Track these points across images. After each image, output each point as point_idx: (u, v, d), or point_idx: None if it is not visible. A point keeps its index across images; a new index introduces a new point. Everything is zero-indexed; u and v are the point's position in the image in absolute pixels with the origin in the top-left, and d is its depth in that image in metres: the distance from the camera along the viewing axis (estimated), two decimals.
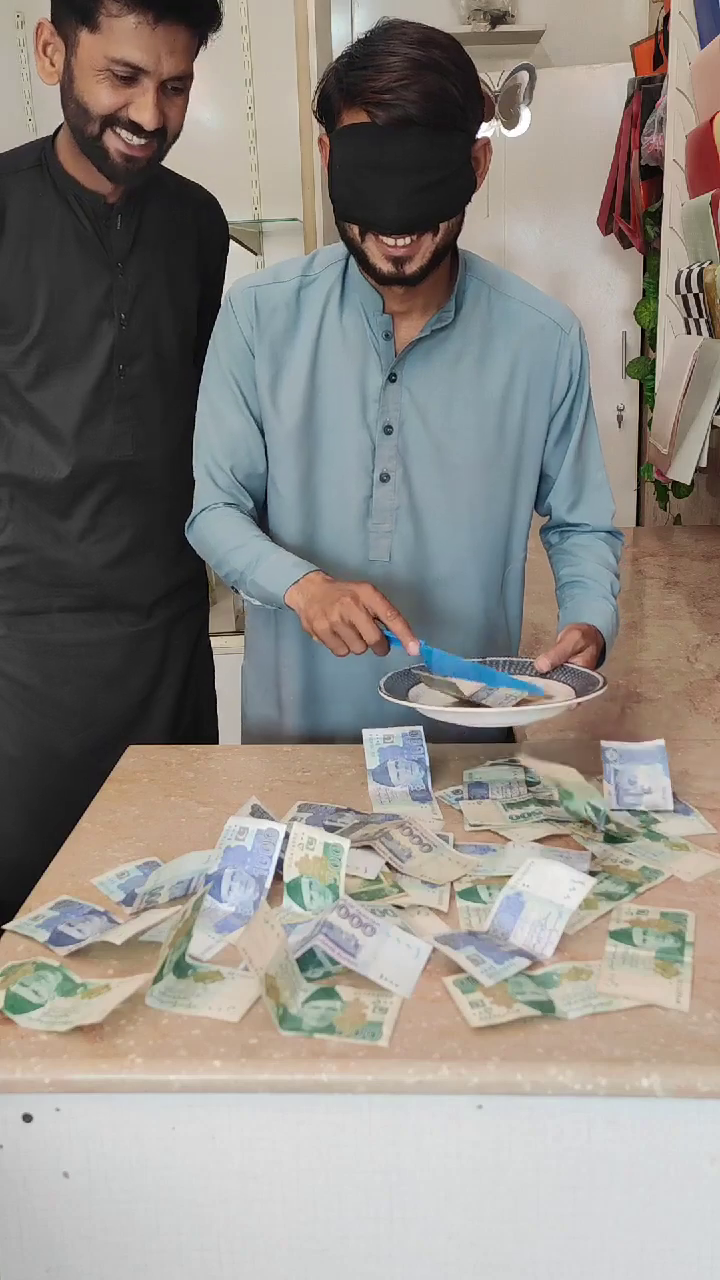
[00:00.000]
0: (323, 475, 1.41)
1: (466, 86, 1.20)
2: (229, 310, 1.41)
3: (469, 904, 1.04)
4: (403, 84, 1.16)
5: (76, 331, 1.57)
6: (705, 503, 3.01)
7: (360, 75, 1.18)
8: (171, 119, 1.46)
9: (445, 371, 1.38)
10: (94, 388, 1.59)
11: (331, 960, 0.94)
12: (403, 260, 1.25)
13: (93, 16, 1.37)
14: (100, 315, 1.58)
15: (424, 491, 1.41)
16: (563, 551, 1.51)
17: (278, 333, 1.38)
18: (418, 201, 1.21)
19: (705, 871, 1.09)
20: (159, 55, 1.39)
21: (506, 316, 1.40)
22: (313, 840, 1.03)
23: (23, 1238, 0.90)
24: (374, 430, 1.39)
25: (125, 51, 1.37)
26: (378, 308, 1.35)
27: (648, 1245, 0.87)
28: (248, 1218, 0.88)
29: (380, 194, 1.21)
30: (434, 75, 1.17)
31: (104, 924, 1.02)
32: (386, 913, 1.01)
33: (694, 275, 2.27)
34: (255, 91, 3.21)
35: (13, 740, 1.72)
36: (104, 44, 1.38)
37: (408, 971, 0.92)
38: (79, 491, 1.63)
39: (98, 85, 1.41)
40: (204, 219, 1.71)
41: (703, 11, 2.41)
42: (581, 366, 1.43)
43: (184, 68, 1.43)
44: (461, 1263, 0.88)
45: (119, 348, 1.59)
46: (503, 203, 3.66)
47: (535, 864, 0.99)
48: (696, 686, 1.63)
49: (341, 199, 1.25)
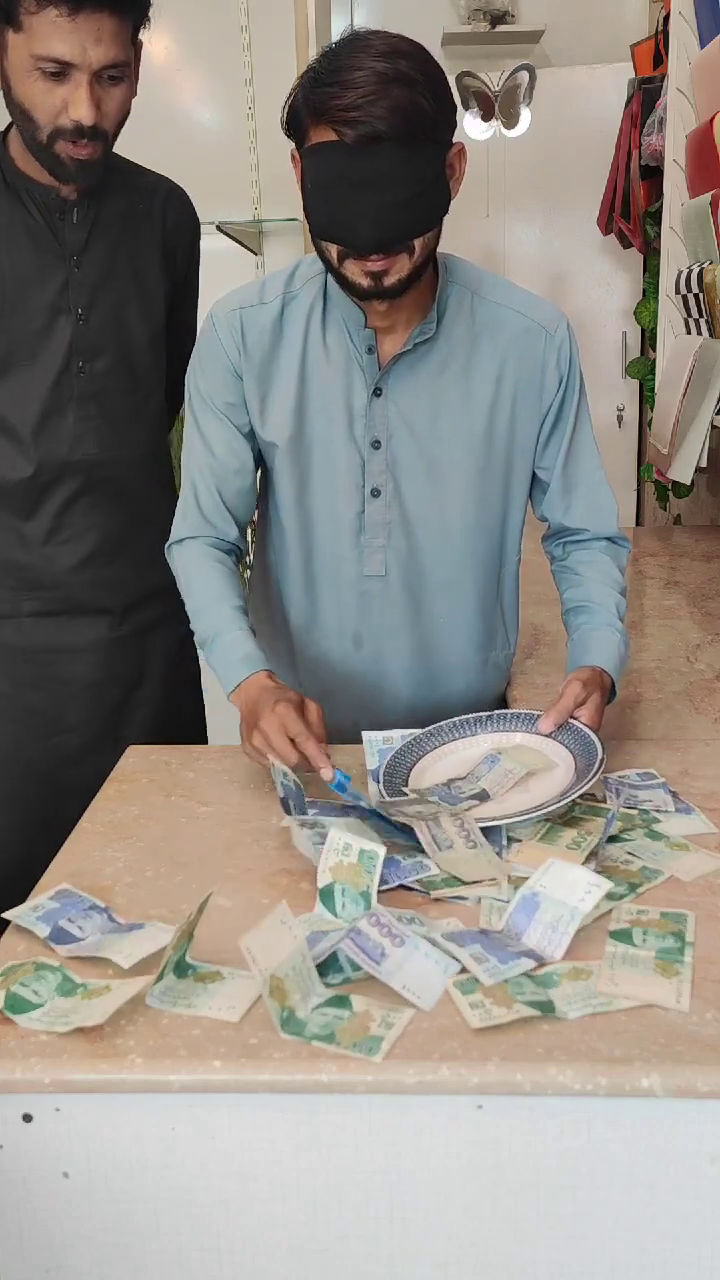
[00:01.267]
0: (315, 492, 1.41)
1: (436, 96, 1.17)
2: (214, 332, 1.38)
3: (492, 900, 1.04)
4: (369, 100, 1.13)
5: (30, 328, 1.55)
6: (705, 503, 3.01)
7: (326, 93, 1.14)
8: (110, 112, 1.43)
9: (430, 383, 1.37)
10: (52, 385, 1.56)
11: (354, 966, 0.93)
12: (380, 275, 1.23)
13: (15, 16, 1.35)
14: (55, 311, 1.55)
15: (415, 504, 1.40)
16: (566, 570, 1.48)
17: (264, 353, 1.37)
18: (392, 219, 1.19)
19: (705, 871, 1.09)
20: (83, 46, 1.36)
21: (490, 322, 1.37)
22: (349, 846, 1.03)
23: (23, 1238, 0.90)
24: (362, 445, 1.38)
25: (49, 47, 1.35)
26: (360, 323, 1.33)
27: (648, 1245, 0.87)
28: (248, 1218, 0.88)
29: (353, 213, 1.18)
30: (401, 89, 1.13)
31: (104, 920, 1.02)
32: (414, 920, 1.00)
33: (694, 275, 2.27)
34: (255, 91, 3.21)
35: None
36: (29, 42, 1.36)
37: (431, 986, 0.91)
38: (42, 491, 1.60)
39: (31, 85, 1.39)
40: (168, 209, 1.67)
41: (703, 11, 2.41)
42: (570, 366, 1.40)
43: (115, 55, 1.39)
44: (461, 1263, 0.88)
45: (77, 344, 1.56)
46: (503, 203, 3.66)
47: (554, 865, 0.99)
48: (696, 686, 1.63)
49: (315, 219, 1.23)
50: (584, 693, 1.28)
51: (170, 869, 1.14)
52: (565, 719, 1.28)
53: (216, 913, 1.04)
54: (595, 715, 1.28)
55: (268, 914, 0.91)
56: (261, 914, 0.92)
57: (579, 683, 1.29)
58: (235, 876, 1.11)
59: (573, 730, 1.28)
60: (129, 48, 1.42)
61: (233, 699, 1.30)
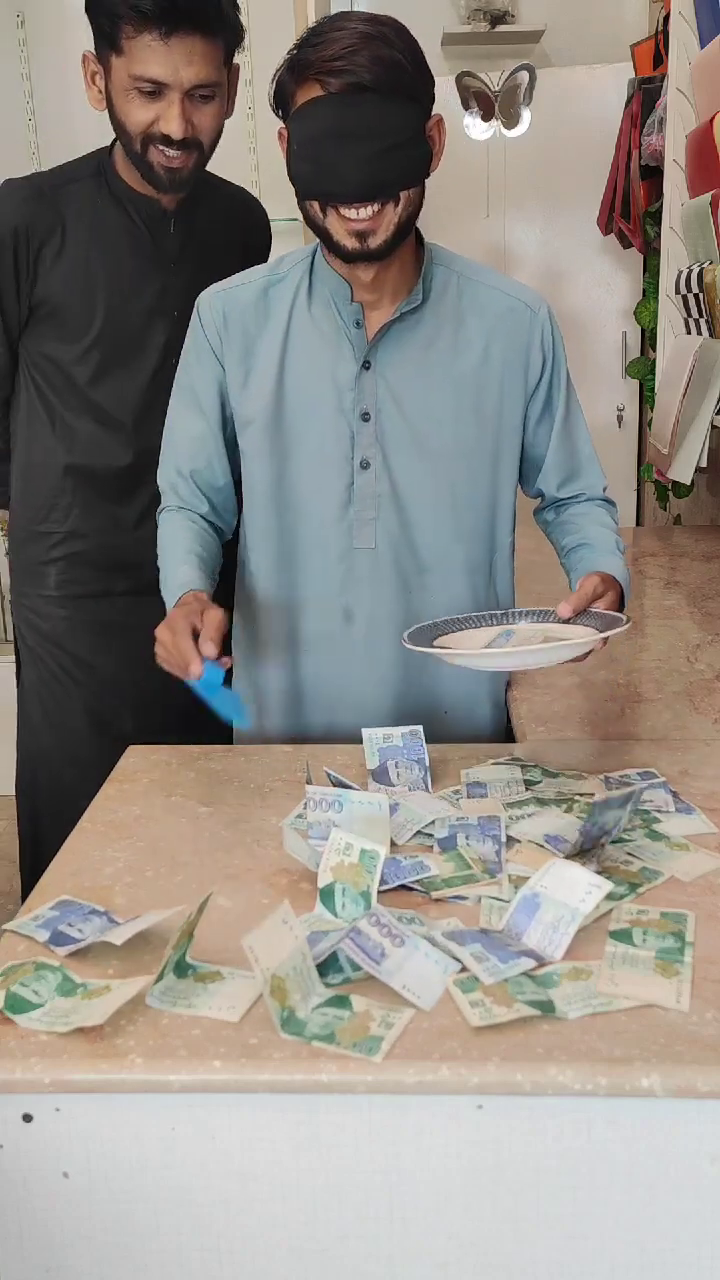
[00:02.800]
0: (300, 467, 1.42)
1: (416, 62, 1.24)
2: (196, 317, 1.43)
3: (492, 900, 1.04)
4: (352, 51, 1.19)
5: (132, 330, 1.68)
6: (705, 503, 3.01)
7: (310, 50, 1.22)
8: (203, 126, 1.54)
9: (418, 355, 1.39)
10: (149, 381, 1.69)
11: (354, 966, 0.93)
12: (366, 234, 1.27)
13: (117, 41, 1.47)
14: (154, 313, 1.68)
15: (405, 477, 1.42)
16: (561, 523, 1.51)
17: (247, 332, 1.40)
18: (377, 168, 1.23)
19: (705, 871, 1.09)
20: (175, 67, 1.47)
21: (476, 300, 1.41)
22: (349, 846, 1.03)
23: (23, 1238, 0.90)
24: (351, 417, 1.40)
25: (144, 68, 1.47)
26: (346, 297, 1.36)
27: (648, 1245, 0.87)
28: (248, 1218, 0.88)
29: (340, 163, 1.23)
30: (382, 45, 1.20)
31: (104, 924, 1.02)
32: (414, 920, 1.01)
33: (694, 275, 2.27)
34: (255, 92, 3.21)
35: (77, 715, 1.81)
36: (128, 64, 1.48)
37: (432, 986, 0.91)
38: (137, 479, 1.71)
39: (129, 103, 1.51)
40: (249, 220, 1.83)
41: (703, 11, 2.41)
42: (554, 346, 1.44)
43: (206, 76, 1.50)
44: (461, 1263, 0.88)
45: (173, 343, 1.64)
46: (503, 203, 3.66)
47: (554, 865, 0.99)
48: (696, 686, 1.63)
49: (302, 176, 1.27)
50: (602, 586, 1.29)
51: (170, 869, 1.14)
52: (585, 607, 1.27)
53: (216, 913, 1.04)
54: (614, 608, 1.29)
55: (269, 913, 0.91)
56: (261, 914, 0.92)
57: (596, 576, 1.29)
58: (235, 876, 1.11)
59: (593, 614, 1.26)
60: (221, 69, 1.53)
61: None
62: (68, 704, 1.82)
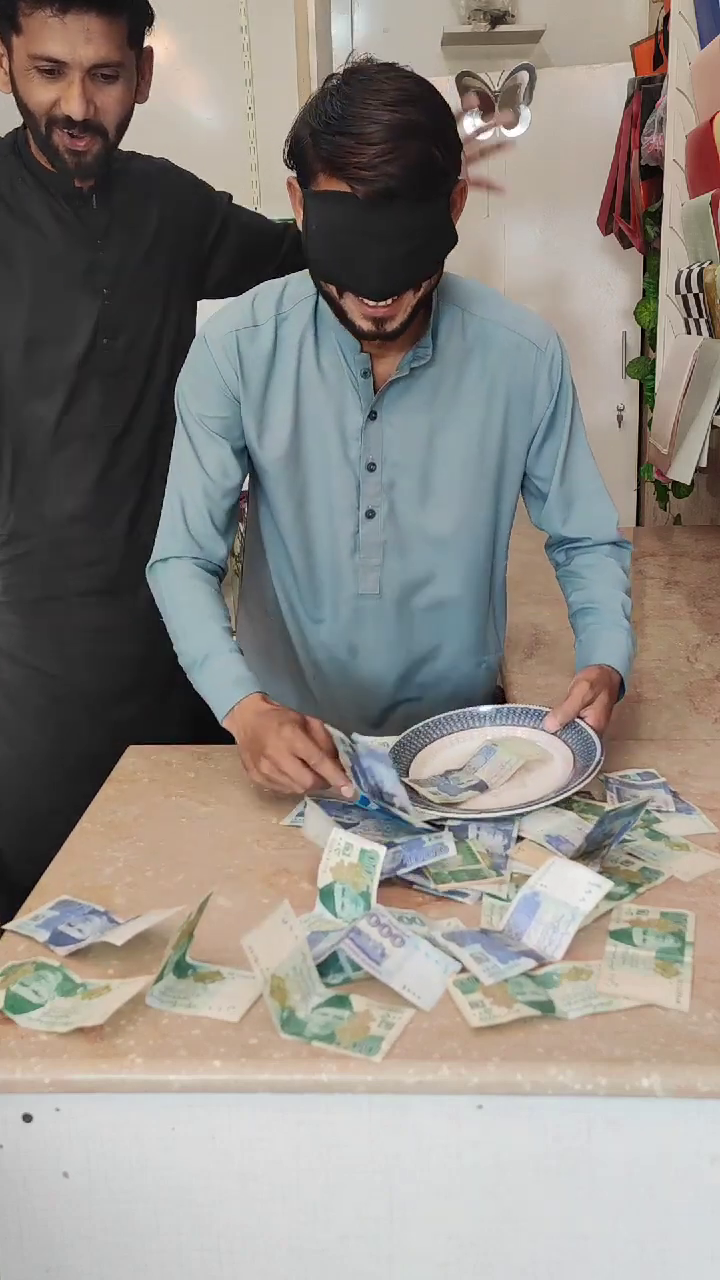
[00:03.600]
0: (313, 511, 1.41)
1: (447, 143, 1.16)
2: (206, 351, 1.36)
3: (492, 900, 1.05)
4: (385, 159, 1.11)
5: (61, 307, 1.62)
6: (705, 503, 3.01)
7: (339, 144, 1.13)
8: (106, 108, 1.50)
9: (424, 405, 1.36)
10: (79, 362, 1.63)
11: (354, 966, 0.93)
12: (383, 320, 1.23)
13: (16, 19, 1.43)
14: (83, 291, 1.62)
15: (409, 525, 1.40)
16: (570, 574, 1.48)
17: (260, 376, 1.35)
18: (400, 269, 1.19)
19: (705, 871, 1.09)
20: (74, 45, 1.43)
21: (480, 338, 1.36)
22: (349, 846, 1.03)
23: (23, 1238, 0.90)
24: (357, 467, 1.37)
25: (42, 46, 1.43)
26: (354, 347, 1.32)
27: (648, 1245, 0.87)
28: (248, 1218, 0.88)
29: (362, 262, 1.18)
30: (416, 144, 1.12)
31: (104, 923, 1.02)
32: (414, 920, 1.01)
33: (694, 275, 2.27)
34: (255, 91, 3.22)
35: (37, 727, 1.75)
36: (27, 43, 1.44)
37: (431, 986, 0.91)
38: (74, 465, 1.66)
39: (30, 83, 1.47)
40: (167, 189, 1.71)
41: (703, 11, 2.41)
42: (562, 380, 1.40)
43: (107, 54, 1.45)
44: (461, 1263, 0.88)
45: (103, 322, 1.63)
46: (503, 203, 3.65)
47: (555, 864, 0.99)
48: (696, 686, 1.63)
49: (320, 262, 1.22)
50: (591, 692, 1.28)
51: (170, 869, 1.14)
52: (571, 718, 1.28)
53: (216, 913, 1.04)
54: (602, 715, 1.28)
55: (269, 913, 0.91)
56: (261, 914, 0.92)
57: (586, 682, 1.29)
58: (235, 876, 1.11)
59: (576, 729, 1.28)
60: (125, 49, 1.48)
61: (227, 724, 1.28)
62: (28, 719, 1.75)
